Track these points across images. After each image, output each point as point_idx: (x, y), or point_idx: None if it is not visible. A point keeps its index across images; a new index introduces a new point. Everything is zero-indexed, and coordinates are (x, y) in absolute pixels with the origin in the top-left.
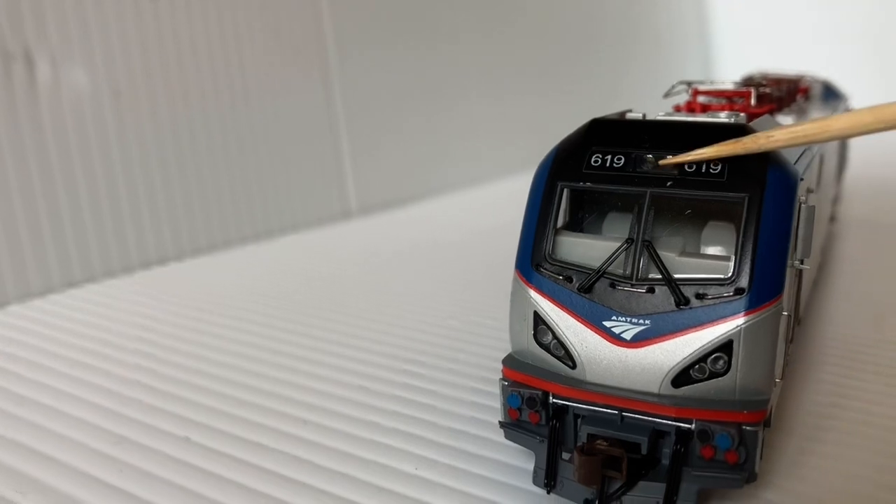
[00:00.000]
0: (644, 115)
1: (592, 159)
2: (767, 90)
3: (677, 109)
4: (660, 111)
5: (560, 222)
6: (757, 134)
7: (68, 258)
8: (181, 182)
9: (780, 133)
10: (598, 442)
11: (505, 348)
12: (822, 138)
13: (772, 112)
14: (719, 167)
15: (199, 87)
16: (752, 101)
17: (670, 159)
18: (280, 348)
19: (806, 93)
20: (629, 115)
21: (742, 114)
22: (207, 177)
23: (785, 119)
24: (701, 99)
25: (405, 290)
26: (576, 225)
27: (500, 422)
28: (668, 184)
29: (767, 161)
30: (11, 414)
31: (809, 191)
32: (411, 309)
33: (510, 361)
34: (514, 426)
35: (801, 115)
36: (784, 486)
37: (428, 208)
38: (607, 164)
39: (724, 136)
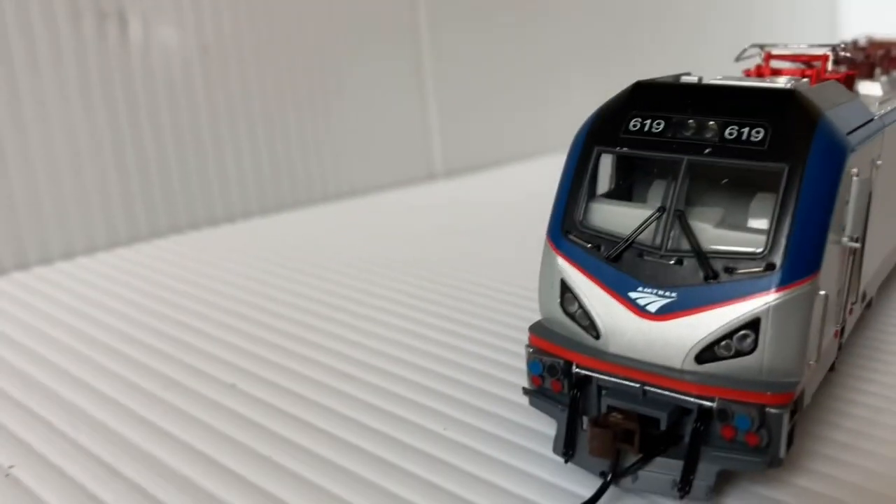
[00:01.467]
0: (700, 79)
1: (631, 124)
2: (848, 55)
3: (747, 74)
4: (732, 74)
5: (599, 188)
6: None
7: (155, 210)
8: (267, 139)
9: None
10: (613, 414)
11: None
12: None
13: (851, 78)
14: (761, 134)
15: (286, 45)
16: (829, 66)
17: None
18: (340, 303)
19: None
20: (683, 79)
21: (805, 79)
22: (293, 134)
23: (871, 86)
24: (774, 63)
25: (479, 252)
26: (612, 191)
27: (524, 388)
28: (707, 151)
29: (814, 129)
30: (78, 352)
31: (875, 162)
32: (482, 272)
33: (537, 328)
34: (537, 393)
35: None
36: (819, 471)
37: (517, 170)
38: (646, 129)
39: (769, 101)
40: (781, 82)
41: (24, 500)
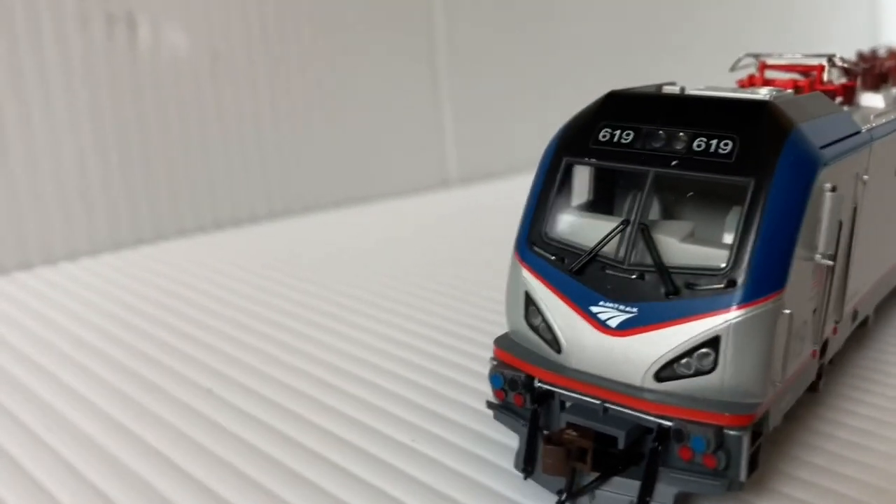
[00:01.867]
0: (682, 89)
1: (601, 134)
2: (845, 65)
3: (740, 84)
4: (719, 84)
5: (574, 199)
6: None
7: (160, 213)
8: (276, 144)
9: None
10: (568, 432)
11: None
12: None
13: (851, 90)
14: (729, 146)
15: (298, 51)
16: (826, 76)
17: None
18: (334, 311)
19: None
20: (665, 89)
21: (789, 91)
22: (304, 140)
23: (873, 98)
24: (770, 73)
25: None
26: (589, 203)
27: (487, 402)
28: (674, 163)
29: (783, 142)
30: (64, 353)
31: (860, 177)
32: (482, 280)
33: (502, 341)
34: (501, 407)
35: None
36: (790, 496)
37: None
38: (615, 140)
39: (739, 113)
40: (762, 93)
41: None
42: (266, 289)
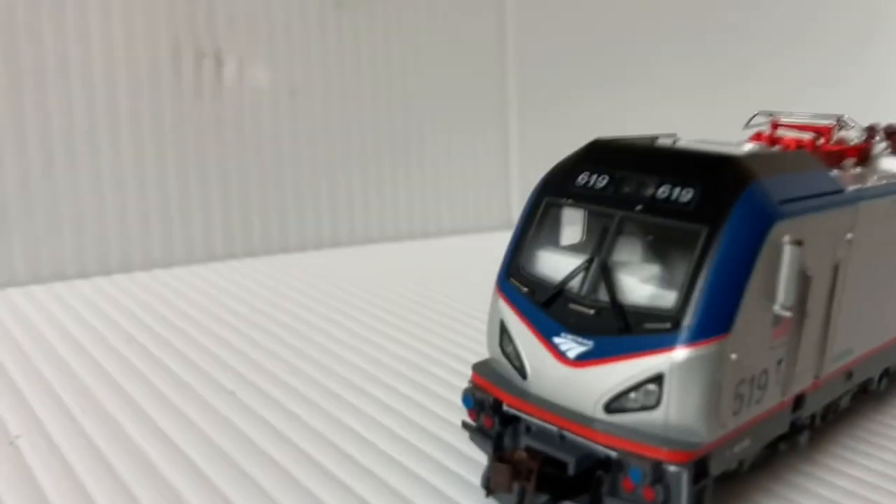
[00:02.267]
0: (674, 142)
1: (580, 178)
2: (852, 126)
3: (752, 139)
4: (738, 140)
5: (546, 237)
6: None
7: (231, 234)
8: (345, 177)
9: None
10: (518, 452)
11: None
12: None
13: (865, 151)
14: (691, 194)
15: (372, 88)
16: (833, 139)
17: None
18: (364, 333)
19: None
20: (660, 140)
21: (775, 148)
22: (371, 174)
23: (891, 162)
24: (781, 131)
25: None
26: (556, 241)
27: (462, 422)
28: (638, 208)
29: (739, 194)
30: (117, 351)
31: (843, 236)
32: None
33: (480, 366)
34: (474, 428)
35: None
36: None
37: None
38: (591, 184)
39: (705, 167)
40: (745, 148)
41: (21, 472)
42: (313, 309)
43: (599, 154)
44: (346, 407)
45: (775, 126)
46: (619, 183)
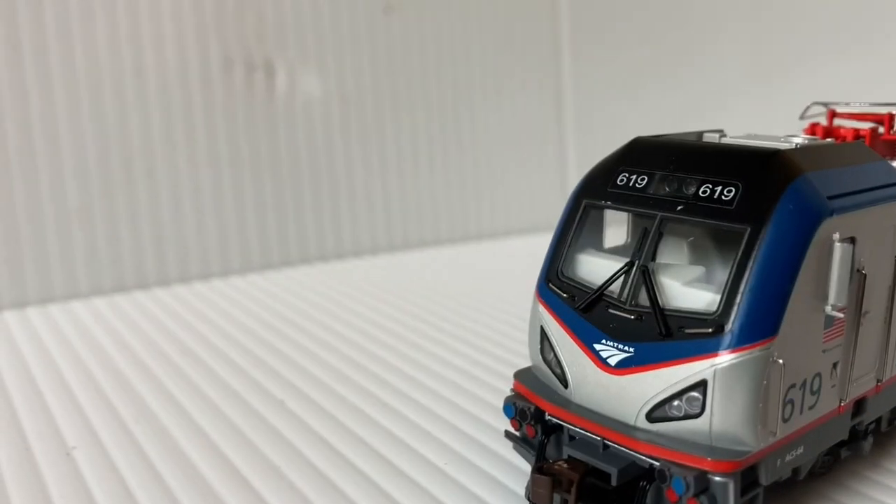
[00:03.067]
0: (720, 137)
1: (619, 178)
2: None
3: (805, 132)
4: (791, 133)
5: (585, 240)
6: None
7: (286, 241)
8: (399, 183)
9: None
10: (559, 463)
11: None
12: None
13: None
14: (732, 193)
15: (423, 94)
16: (894, 129)
17: None
18: (415, 339)
19: None
20: (706, 136)
21: (827, 140)
22: (424, 179)
23: None
24: (838, 121)
25: None
26: (596, 244)
27: (505, 431)
28: (679, 208)
29: (783, 190)
30: (172, 361)
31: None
32: None
33: (521, 374)
34: (517, 438)
35: None
36: None
37: None
38: (630, 184)
39: (746, 164)
40: (794, 142)
41: (76, 483)
42: (365, 316)
43: (640, 153)
44: (394, 416)
45: (832, 116)
46: (660, 182)
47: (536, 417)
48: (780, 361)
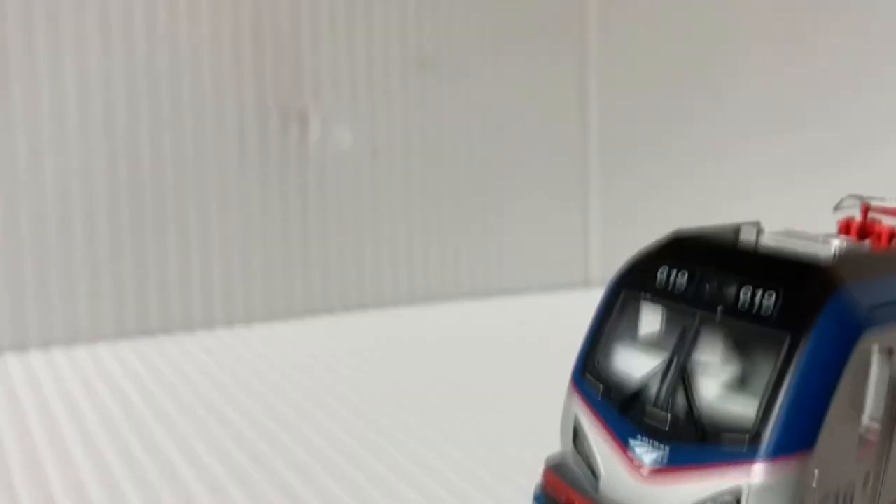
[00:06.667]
0: (758, 232)
1: (660, 272)
2: None
3: (840, 225)
4: (825, 234)
5: (624, 332)
6: None
7: (311, 291)
8: (423, 236)
9: None
10: None
11: None
12: None
13: None
14: (772, 299)
15: (452, 148)
16: None
17: None
18: (443, 405)
19: None
20: (742, 231)
21: (866, 242)
22: (450, 232)
23: None
24: (872, 216)
25: None
26: (634, 336)
27: None
28: (719, 308)
29: (826, 300)
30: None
31: None
32: None
33: (551, 461)
34: None
35: None
36: None
37: None
38: (671, 280)
39: (789, 272)
40: (833, 245)
41: None
42: (384, 373)
43: (680, 249)
44: (421, 488)
45: (866, 211)
46: (700, 281)
47: None
48: (816, 473)
